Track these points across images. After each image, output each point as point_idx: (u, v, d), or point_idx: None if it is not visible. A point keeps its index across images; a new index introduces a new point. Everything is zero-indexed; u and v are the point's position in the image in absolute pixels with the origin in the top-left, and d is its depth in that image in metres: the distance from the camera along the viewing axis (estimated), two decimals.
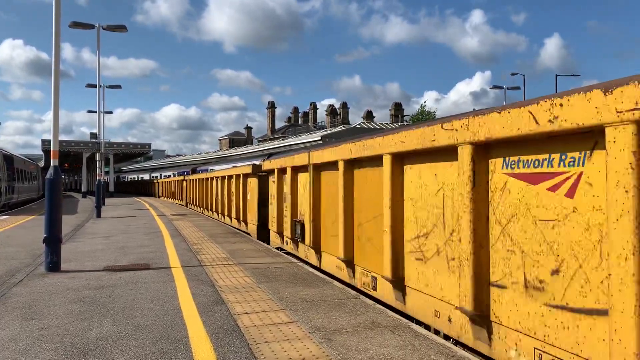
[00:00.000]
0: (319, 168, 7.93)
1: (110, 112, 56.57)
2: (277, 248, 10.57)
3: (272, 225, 11.12)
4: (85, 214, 22.81)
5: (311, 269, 8.07)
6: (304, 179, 8.72)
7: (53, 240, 8.20)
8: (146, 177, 72.27)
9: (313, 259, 8.31)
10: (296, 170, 9.20)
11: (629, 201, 2.64)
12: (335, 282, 7.02)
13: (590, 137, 2.96)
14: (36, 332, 4.84)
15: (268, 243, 11.61)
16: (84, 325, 5.04)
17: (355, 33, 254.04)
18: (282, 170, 10.01)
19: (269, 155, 32.87)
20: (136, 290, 6.61)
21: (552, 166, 3.26)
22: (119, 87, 36.91)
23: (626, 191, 2.65)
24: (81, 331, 4.85)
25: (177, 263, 8.75)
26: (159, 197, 46.07)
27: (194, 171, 42.47)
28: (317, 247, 8.12)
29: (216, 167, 35.39)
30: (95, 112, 31.26)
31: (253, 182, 13.12)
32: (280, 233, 10.33)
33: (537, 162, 3.40)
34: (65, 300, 6.13)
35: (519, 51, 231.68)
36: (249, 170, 13.30)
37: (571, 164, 3.12)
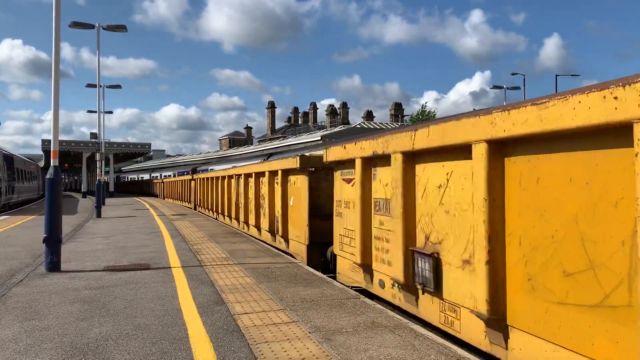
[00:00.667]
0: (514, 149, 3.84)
1: (111, 112, 56.62)
2: (358, 290, 6.63)
3: (344, 250, 7.14)
4: (85, 214, 22.81)
5: (311, 269, 8.05)
6: (443, 172, 4.74)
7: (53, 240, 8.20)
8: (146, 177, 72.26)
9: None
10: (415, 157, 5.21)
11: None
12: (335, 282, 7.01)
13: None
14: (36, 332, 4.85)
15: (328, 273, 7.96)
16: (84, 325, 5.04)
17: (354, 33, 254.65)
18: (380, 159, 5.93)
19: (269, 155, 32.69)
20: (136, 290, 6.61)
21: None
22: (119, 87, 36.91)
23: None
24: (81, 331, 4.85)
25: (177, 263, 8.75)
26: (164, 198, 42.06)
27: (194, 171, 41.71)
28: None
29: (216, 167, 35.24)
30: (95, 112, 31.26)
31: (300, 182, 9.42)
32: (367, 266, 6.38)
33: None
34: (65, 300, 6.13)
35: (519, 51, 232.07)
36: (293, 164, 9.27)
37: None
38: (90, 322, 5.17)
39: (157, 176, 63.92)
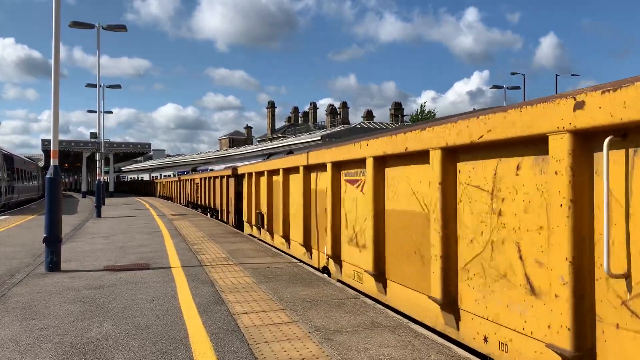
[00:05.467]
0: None
1: (110, 112, 56.56)
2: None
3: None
4: (85, 214, 22.81)
5: (311, 269, 8.05)
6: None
7: (53, 240, 8.20)
8: (146, 177, 72.25)
9: None
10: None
11: None
12: (336, 282, 7.02)
13: None
14: (36, 332, 4.84)
15: None
16: (84, 325, 5.04)
17: (349, 31, 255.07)
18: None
19: (269, 155, 32.66)
20: (136, 290, 6.61)
21: None
22: (118, 87, 36.90)
23: None
24: (81, 331, 4.85)
25: (177, 263, 8.75)
26: (171, 200, 37.92)
27: (194, 171, 41.58)
28: None
29: (217, 167, 35.12)
30: (95, 111, 31.25)
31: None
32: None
33: None
34: (65, 300, 6.13)
35: (515, 50, 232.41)
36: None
37: None
38: (90, 321, 5.17)
39: (157, 176, 63.91)
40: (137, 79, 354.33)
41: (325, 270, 7.81)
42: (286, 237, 9.98)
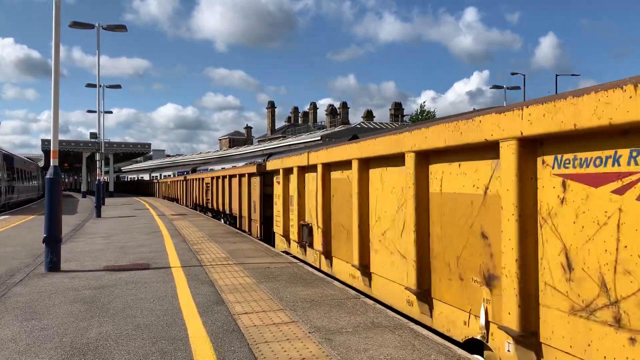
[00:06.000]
0: None
1: (110, 112, 56.60)
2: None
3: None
4: (85, 214, 22.80)
5: (311, 269, 8.04)
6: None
7: (53, 240, 8.20)
8: (146, 177, 72.25)
9: None
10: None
11: None
12: (336, 282, 7.01)
13: None
14: (36, 332, 4.84)
15: None
16: (83, 325, 5.04)
17: (348, 31, 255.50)
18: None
19: (269, 155, 32.62)
20: (136, 290, 6.60)
21: None
22: (118, 87, 36.88)
23: None
24: (81, 331, 4.85)
25: (177, 263, 8.75)
26: (177, 202, 34.51)
27: (194, 171, 41.32)
28: None
29: (216, 167, 35.05)
30: (95, 112, 31.24)
31: None
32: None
33: None
34: (65, 300, 6.13)
35: (514, 50, 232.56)
36: None
37: None
38: (90, 322, 5.17)
39: (157, 176, 63.91)
40: (136, 78, 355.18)
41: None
42: (364, 267, 6.34)
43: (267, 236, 12.35)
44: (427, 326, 4.95)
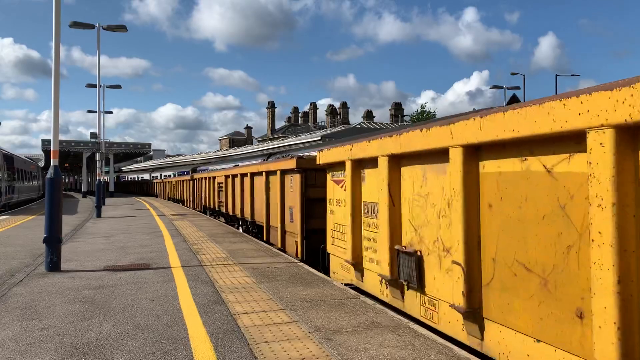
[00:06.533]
0: None
1: (110, 112, 56.56)
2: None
3: None
4: (86, 214, 22.81)
5: (311, 269, 8.05)
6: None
7: (53, 240, 8.20)
8: (146, 177, 72.27)
9: None
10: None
11: None
12: (335, 282, 7.01)
13: None
14: (36, 332, 4.85)
15: None
16: (84, 325, 5.04)
17: (348, 31, 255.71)
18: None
19: (269, 155, 32.54)
20: (136, 290, 6.61)
21: None
22: (118, 87, 36.88)
23: None
24: (81, 331, 4.86)
25: (177, 263, 8.75)
26: (182, 203, 31.74)
27: (194, 171, 41.14)
28: None
29: (217, 167, 35.02)
30: (95, 112, 31.21)
31: None
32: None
33: None
34: (65, 300, 6.13)
35: (514, 50, 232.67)
36: None
37: None
38: (90, 322, 5.18)
39: (157, 176, 63.91)
40: (136, 79, 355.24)
41: None
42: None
43: (311, 256, 9.17)
44: (427, 326, 4.86)
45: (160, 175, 62.32)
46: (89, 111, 65.96)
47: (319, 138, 42.62)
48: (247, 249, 10.52)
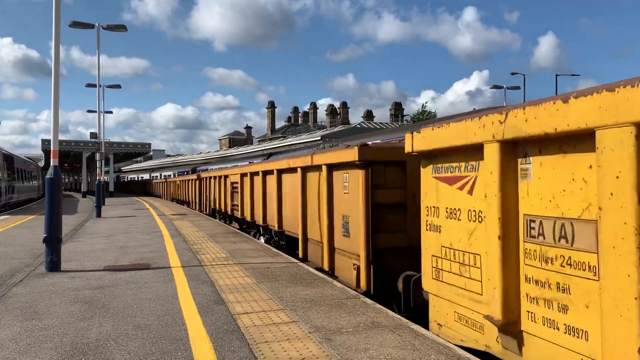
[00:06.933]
0: None
1: (110, 112, 56.63)
2: None
3: None
4: (85, 214, 22.81)
5: (311, 269, 8.05)
6: None
7: (53, 240, 8.20)
8: (146, 176, 72.30)
9: None
10: None
11: None
12: (336, 282, 7.01)
13: None
14: (36, 332, 4.84)
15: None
16: (84, 325, 5.04)
17: (347, 31, 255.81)
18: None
19: (269, 155, 32.47)
20: (136, 290, 6.61)
21: None
22: (118, 87, 36.85)
23: None
24: (81, 331, 4.85)
25: (177, 263, 8.75)
26: (188, 205, 29.08)
27: (194, 171, 41.04)
28: None
29: (217, 167, 34.97)
30: (95, 111, 31.16)
31: None
32: None
33: None
34: (65, 300, 6.13)
35: (513, 49, 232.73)
36: None
37: None
38: (90, 321, 5.17)
39: (157, 176, 63.91)
40: (135, 78, 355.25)
41: None
42: None
43: (384, 286, 6.34)
44: (426, 326, 4.70)
45: (160, 175, 62.34)
46: (89, 111, 66.04)
47: (319, 138, 42.61)
48: (247, 249, 10.52)
